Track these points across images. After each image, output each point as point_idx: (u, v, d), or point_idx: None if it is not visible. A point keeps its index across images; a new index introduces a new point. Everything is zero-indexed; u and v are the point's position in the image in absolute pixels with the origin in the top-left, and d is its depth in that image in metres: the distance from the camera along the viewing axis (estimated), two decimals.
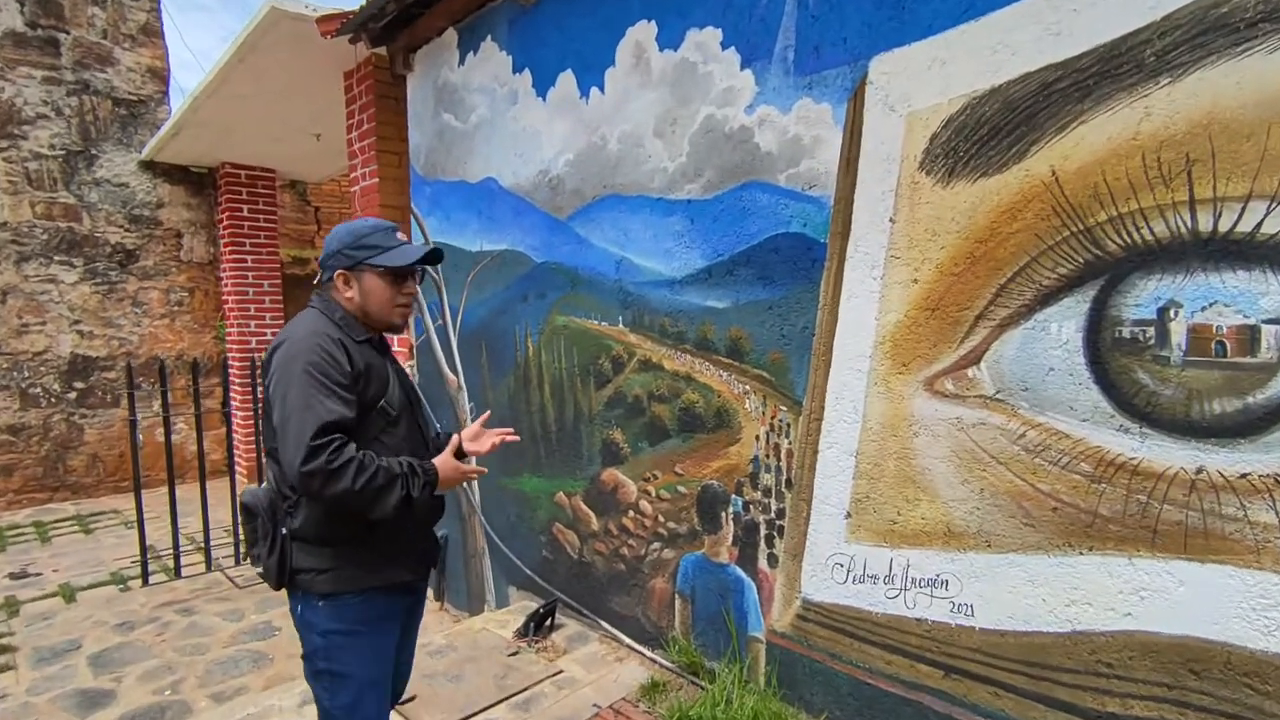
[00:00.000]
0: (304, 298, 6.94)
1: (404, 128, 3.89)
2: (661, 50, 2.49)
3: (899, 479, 1.98)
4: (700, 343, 2.47)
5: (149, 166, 6.19)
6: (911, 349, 1.93)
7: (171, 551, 4.19)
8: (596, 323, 2.84)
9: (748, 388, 2.34)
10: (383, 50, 3.76)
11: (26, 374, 5.76)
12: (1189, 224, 1.46)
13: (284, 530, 1.52)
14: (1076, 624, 1.66)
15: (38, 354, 5.79)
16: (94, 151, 5.95)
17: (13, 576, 4.38)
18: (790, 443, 2.24)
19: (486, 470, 1.69)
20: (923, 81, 1.84)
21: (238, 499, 1.89)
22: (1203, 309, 1.45)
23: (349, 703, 1.58)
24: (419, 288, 1.73)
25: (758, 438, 2.32)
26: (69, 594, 4.07)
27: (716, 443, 2.45)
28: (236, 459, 6.16)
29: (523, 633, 2.84)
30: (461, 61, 3.40)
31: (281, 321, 6.77)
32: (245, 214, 6.36)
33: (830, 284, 2.10)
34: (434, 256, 1.65)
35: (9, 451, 5.73)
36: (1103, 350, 1.59)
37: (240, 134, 5.45)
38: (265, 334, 6.54)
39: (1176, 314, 1.48)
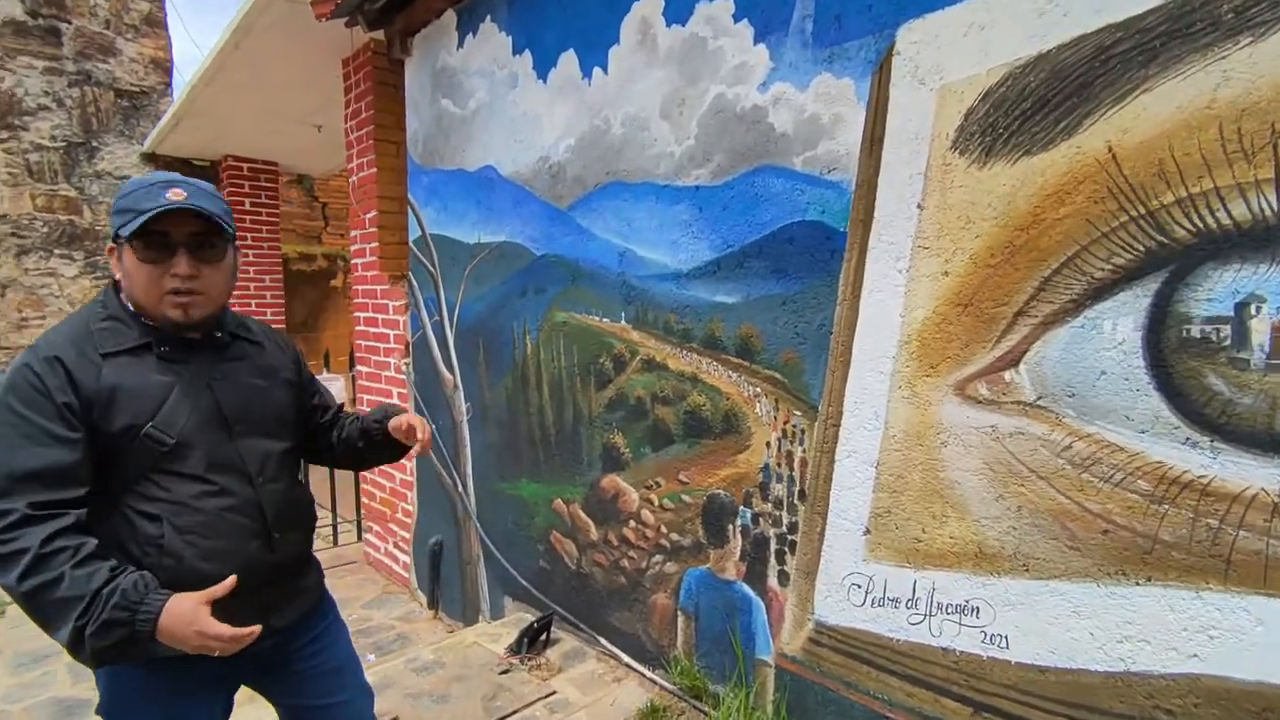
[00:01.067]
0: (310, 295, 6.81)
1: (402, 116, 3.74)
2: (669, 25, 2.31)
3: (925, 493, 1.78)
4: (708, 341, 2.29)
5: (151, 159, 6.09)
6: (941, 349, 1.73)
7: None
8: (597, 319, 2.66)
9: (759, 390, 2.15)
10: (380, 35, 3.61)
11: None
12: (1275, 205, 1.25)
13: None
14: (1130, 663, 1.46)
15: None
16: (95, 143, 5.85)
17: None
18: (804, 451, 2.05)
19: (233, 643, 1.12)
20: (958, 50, 1.64)
21: None
22: None
23: None
24: (199, 270, 1.24)
25: (769, 445, 2.13)
26: None
27: (724, 449, 2.26)
28: None
29: (516, 649, 2.66)
30: (460, 44, 3.24)
31: (283, 317, 6.67)
32: (248, 208, 6.24)
33: (850, 277, 1.90)
34: (177, 214, 1.19)
35: None
36: (1166, 352, 1.38)
37: (240, 126, 5.33)
38: None
39: (1259, 310, 1.28)
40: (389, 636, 3.49)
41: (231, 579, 1.15)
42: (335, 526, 4.73)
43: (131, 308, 1.27)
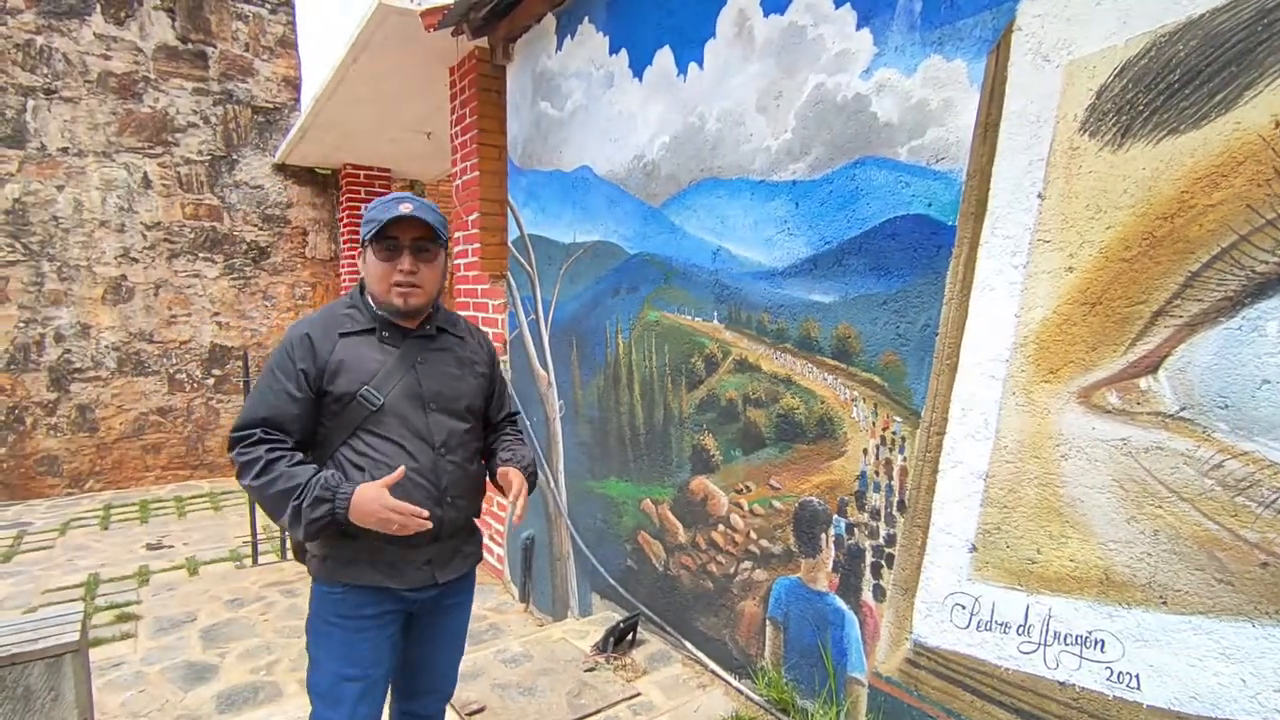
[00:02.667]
0: None
1: (504, 120, 3.85)
2: (766, 15, 2.24)
3: (1040, 510, 1.62)
4: (802, 342, 2.20)
5: (280, 169, 6.59)
6: (1062, 353, 1.57)
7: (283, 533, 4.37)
8: (689, 318, 2.62)
9: (856, 394, 2.04)
10: (484, 42, 3.73)
11: (174, 361, 6.28)
12: None
13: None
14: None
15: (183, 343, 6.31)
16: (235, 156, 6.40)
17: (149, 547, 4.74)
18: (905, 459, 1.92)
19: (426, 520, 1.41)
20: (1089, 21, 1.49)
21: None
22: None
23: (322, 688, 1.53)
24: (418, 267, 1.50)
25: (866, 451, 2.02)
26: (193, 567, 4.33)
27: (818, 455, 2.16)
28: None
29: (601, 647, 2.67)
30: (559, 47, 3.29)
31: None
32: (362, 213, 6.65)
33: (959, 274, 1.77)
34: (405, 222, 1.47)
35: (158, 431, 6.26)
36: None
37: (358, 136, 5.67)
38: None
39: None
40: (482, 626, 3.58)
41: (401, 468, 1.44)
42: None
43: (371, 301, 1.56)
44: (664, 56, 2.67)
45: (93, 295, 5.90)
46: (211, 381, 6.43)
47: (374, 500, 1.38)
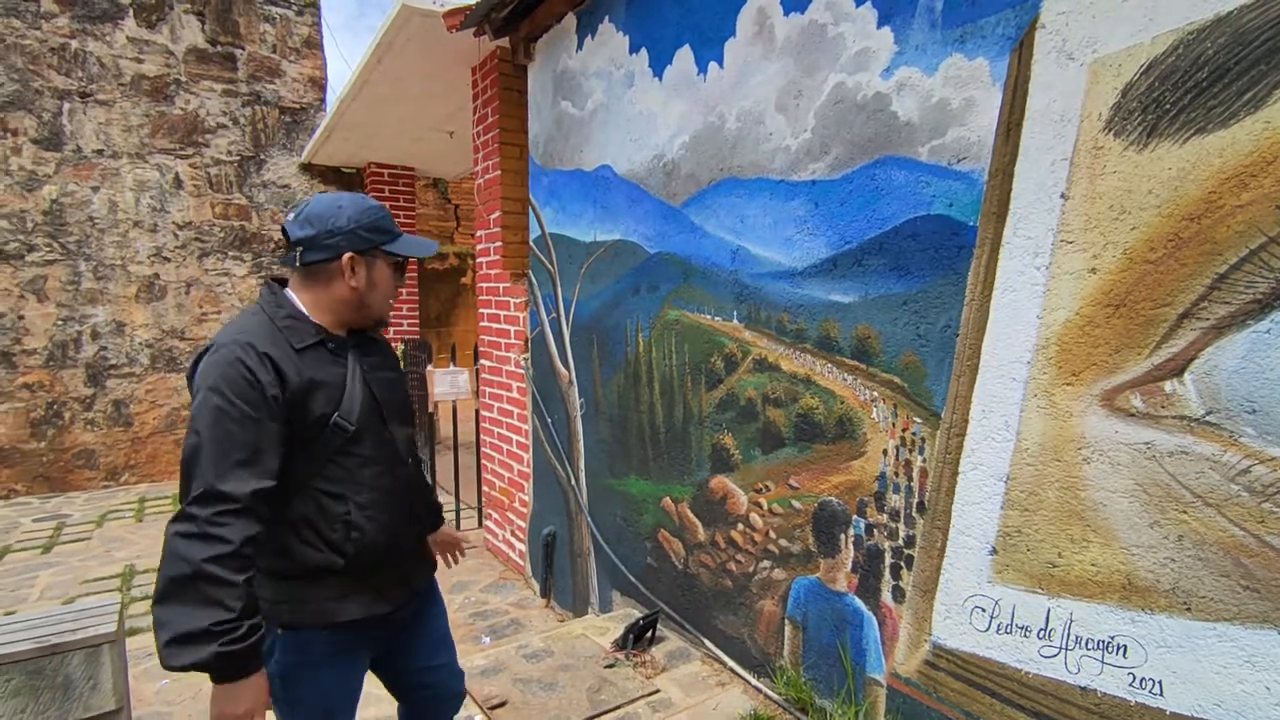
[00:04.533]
0: (443, 292, 7.21)
1: (525, 120, 3.87)
2: (786, 14, 2.23)
3: (1062, 513, 1.61)
4: (822, 342, 2.19)
5: (307, 168, 6.70)
6: (1085, 355, 1.56)
7: None
8: (709, 318, 2.63)
9: (876, 394, 2.04)
10: (505, 42, 3.76)
11: None
12: None
13: None
14: None
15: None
16: (263, 156, 6.52)
17: None
18: (925, 460, 1.91)
19: None
20: (1115, 18, 1.47)
21: None
22: None
23: None
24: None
25: (885, 452, 2.01)
26: None
27: (837, 455, 2.16)
28: None
29: (621, 644, 2.69)
30: (579, 46, 3.30)
31: (417, 314, 7.12)
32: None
33: (980, 275, 1.75)
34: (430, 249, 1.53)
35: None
36: None
37: (382, 135, 5.74)
38: (402, 324, 6.89)
39: None
40: (503, 621, 3.63)
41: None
42: (458, 512, 5.00)
43: (302, 309, 1.38)
44: (684, 56, 2.67)
45: (127, 294, 6.05)
46: None
47: (251, 702, 1.18)
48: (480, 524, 4.93)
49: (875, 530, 2.05)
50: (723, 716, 2.27)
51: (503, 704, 2.35)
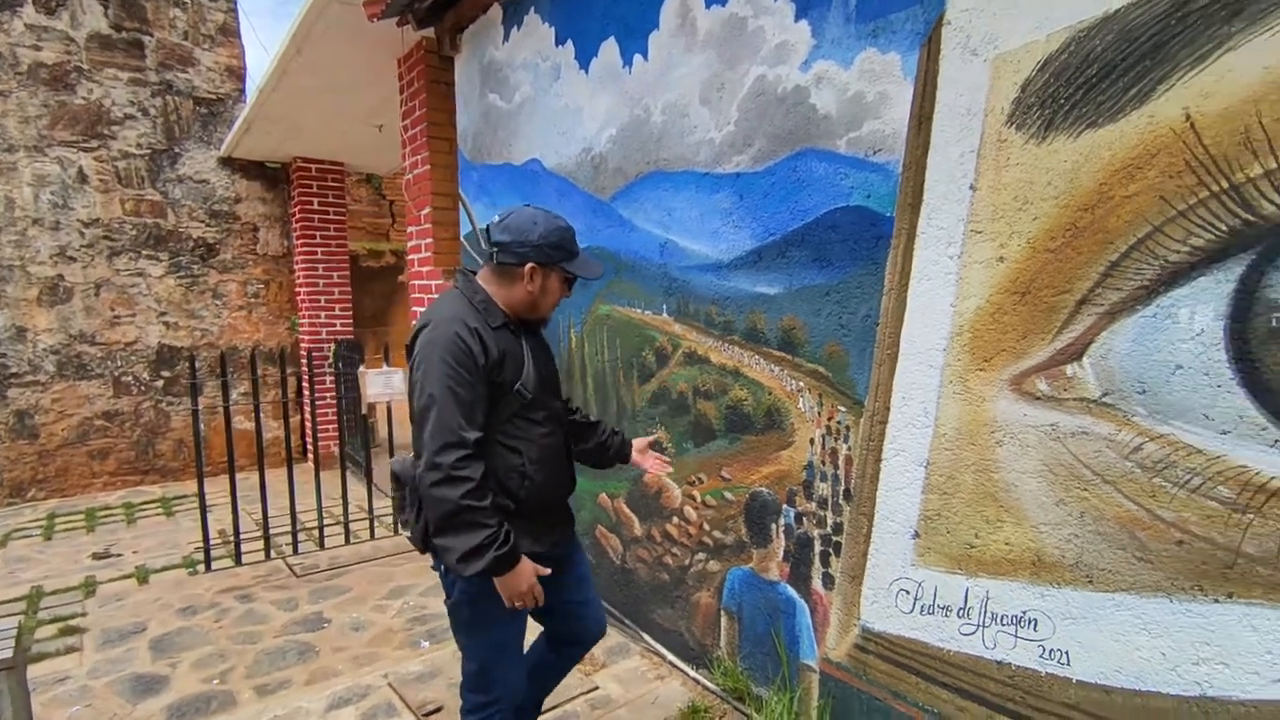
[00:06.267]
0: (380, 290, 7.00)
1: (453, 113, 3.78)
2: (708, 6, 2.23)
3: (978, 495, 1.67)
4: (749, 333, 2.21)
5: (227, 163, 6.39)
6: (995, 341, 1.61)
7: (254, 534, 4.29)
8: (640, 312, 2.62)
9: (802, 384, 2.07)
10: (431, 33, 3.65)
11: (119, 363, 6.06)
12: None
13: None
14: (1208, 687, 1.32)
15: (129, 344, 6.09)
16: (177, 150, 6.18)
17: (96, 556, 4.59)
18: (850, 448, 1.95)
19: (540, 600, 1.59)
20: (1014, 15, 1.51)
21: (332, 481, 1.81)
22: None
23: (490, 660, 1.67)
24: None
25: (812, 441, 2.05)
26: (143, 576, 4.21)
27: (766, 445, 2.19)
28: (313, 444, 6.30)
29: None
30: (506, 38, 3.24)
31: (350, 313, 6.90)
32: (316, 207, 6.48)
33: (898, 265, 1.79)
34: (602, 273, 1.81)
35: (104, 436, 6.06)
36: (1252, 343, 1.24)
37: (307, 128, 5.52)
38: (335, 325, 6.67)
39: None
40: (443, 625, 3.55)
41: (547, 571, 1.61)
42: (397, 521, 4.88)
43: (492, 297, 1.67)
44: (609, 48, 2.64)
45: (27, 296, 5.66)
46: (160, 384, 6.23)
47: (529, 578, 1.55)
48: None
49: (805, 519, 2.09)
50: (661, 710, 2.28)
51: (438, 710, 2.30)
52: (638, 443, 2.01)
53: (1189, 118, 1.29)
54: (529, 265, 1.62)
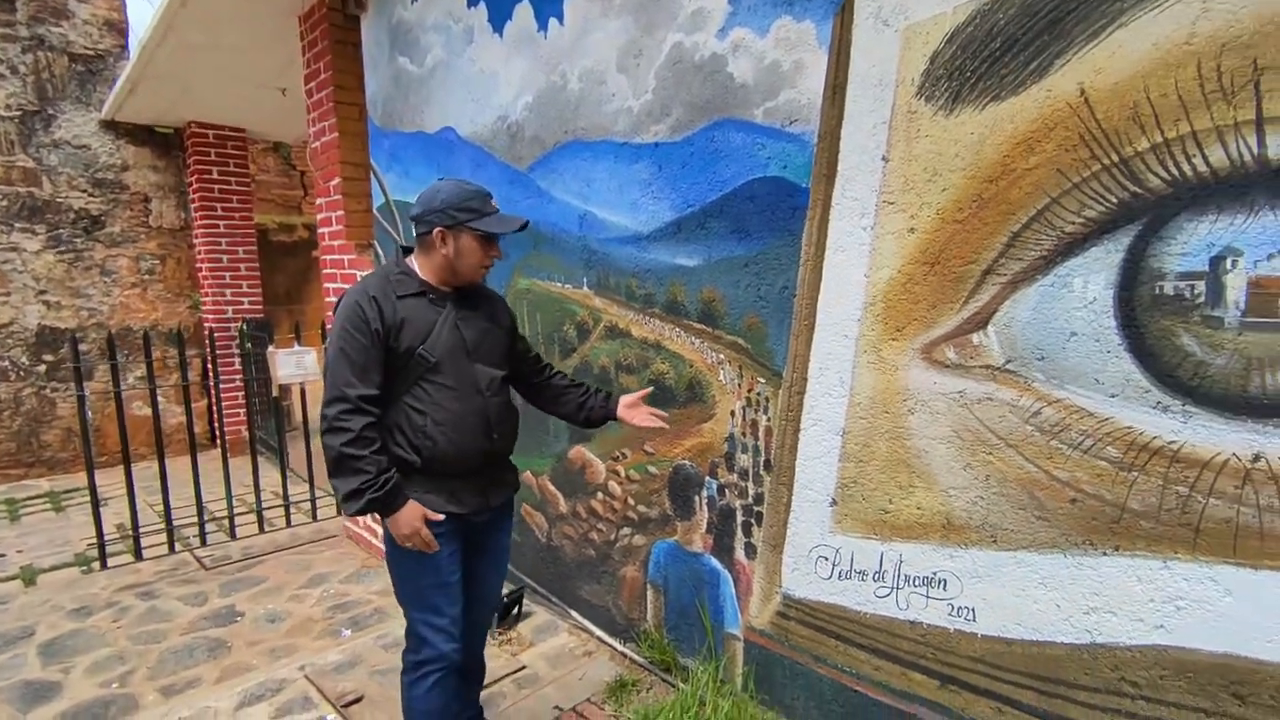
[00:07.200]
0: (293, 267, 6.62)
1: (362, 77, 3.56)
2: None
3: (891, 462, 1.71)
4: (670, 306, 2.19)
5: (110, 126, 5.86)
6: (907, 311, 1.64)
7: (156, 527, 4.01)
8: (560, 285, 2.56)
9: (722, 357, 2.07)
10: None
11: None
12: (1254, 150, 1.15)
13: None
14: (1096, 635, 1.41)
15: (3, 326, 5.57)
16: (51, 111, 5.62)
17: None
18: (769, 419, 1.97)
19: (436, 548, 1.70)
20: None
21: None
22: (1269, 257, 1.16)
23: (413, 597, 1.79)
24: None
25: (733, 413, 2.06)
26: (30, 577, 3.89)
27: (688, 418, 2.18)
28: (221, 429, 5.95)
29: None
30: None
31: (260, 290, 6.53)
32: (215, 176, 6.05)
33: (813, 236, 1.80)
34: (523, 227, 1.77)
35: None
36: (1138, 310, 1.30)
37: (201, 90, 5.12)
38: (242, 303, 6.28)
39: (1234, 264, 1.19)
40: (366, 611, 3.45)
41: (440, 516, 1.71)
42: (314, 500, 4.68)
43: (416, 269, 1.76)
44: (524, 11, 2.53)
45: None
46: (43, 368, 5.73)
47: (410, 523, 1.65)
48: (339, 512, 4.64)
49: (727, 490, 2.10)
50: (589, 686, 2.28)
51: (358, 699, 2.23)
52: (625, 399, 1.97)
53: (1083, 92, 1.33)
54: (436, 230, 1.69)
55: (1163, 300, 1.27)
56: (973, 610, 1.59)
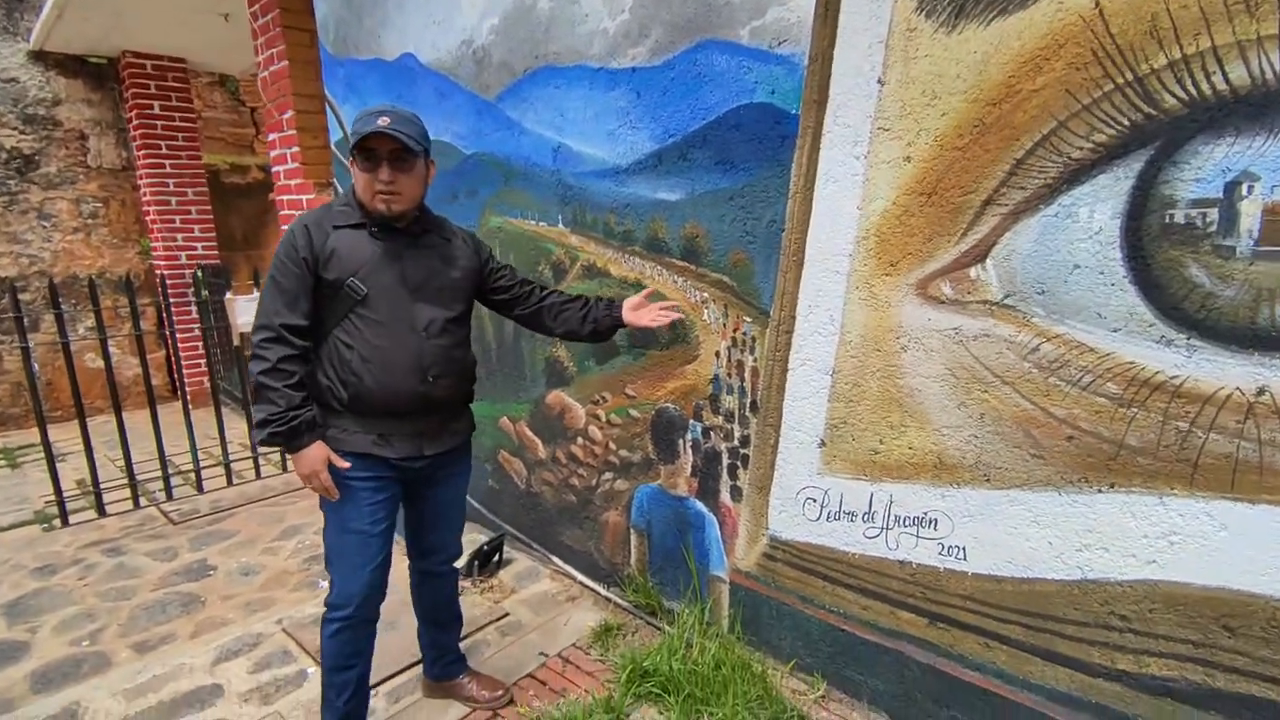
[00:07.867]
0: (249, 210, 6.30)
1: None
2: None
3: (882, 401, 1.67)
4: (651, 243, 2.09)
5: (39, 57, 5.42)
6: (901, 244, 1.57)
7: (118, 482, 3.88)
8: (534, 223, 2.43)
9: (706, 295, 1.99)
10: None
11: None
12: (1277, 67, 1.08)
13: None
14: (1088, 571, 1.40)
15: None
16: None
17: None
18: (756, 359, 1.91)
19: (336, 496, 1.65)
20: None
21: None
22: None
23: (330, 540, 1.72)
24: (396, 176, 1.59)
25: (718, 354, 1.99)
26: None
27: (671, 360, 2.11)
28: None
29: (467, 571, 2.59)
30: None
31: (214, 234, 6.22)
32: (157, 111, 5.66)
33: (803, 166, 1.70)
34: (378, 138, 1.57)
35: None
36: (1146, 241, 1.24)
37: (135, 15, 4.72)
38: (195, 248, 5.99)
39: (1250, 190, 1.13)
40: None
41: (346, 465, 1.64)
42: (284, 456, 4.57)
43: (358, 200, 1.67)
44: None
45: None
46: None
47: (311, 464, 1.60)
48: None
49: (712, 433, 2.05)
50: (574, 631, 2.27)
51: None
52: (629, 302, 1.85)
53: (1098, 4, 1.23)
54: (349, 162, 1.65)
55: (1172, 230, 1.21)
56: (964, 549, 1.58)
